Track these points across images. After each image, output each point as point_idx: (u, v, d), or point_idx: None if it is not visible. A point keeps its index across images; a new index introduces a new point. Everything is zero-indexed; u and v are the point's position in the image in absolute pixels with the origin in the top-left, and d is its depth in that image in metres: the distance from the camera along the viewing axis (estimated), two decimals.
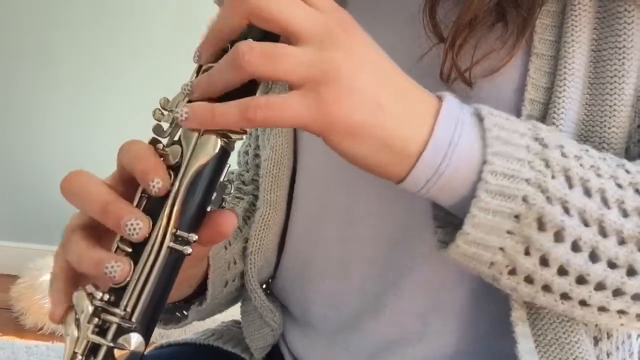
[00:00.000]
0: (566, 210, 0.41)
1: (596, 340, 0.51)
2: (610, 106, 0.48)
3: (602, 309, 0.44)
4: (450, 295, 0.53)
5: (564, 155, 0.42)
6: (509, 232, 0.41)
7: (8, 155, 2.15)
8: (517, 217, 0.40)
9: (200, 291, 0.57)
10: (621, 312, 0.44)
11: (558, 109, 0.48)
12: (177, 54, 2.01)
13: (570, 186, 0.41)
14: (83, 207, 0.41)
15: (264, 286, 0.65)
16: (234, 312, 0.68)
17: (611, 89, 0.48)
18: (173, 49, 2.04)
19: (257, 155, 0.66)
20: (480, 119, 0.42)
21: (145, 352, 0.40)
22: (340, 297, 0.58)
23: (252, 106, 0.37)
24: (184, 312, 0.58)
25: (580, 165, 0.42)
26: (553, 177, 0.41)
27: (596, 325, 0.49)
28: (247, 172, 0.67)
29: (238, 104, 0.37)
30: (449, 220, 0.45)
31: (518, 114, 0.48)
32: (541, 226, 0.41)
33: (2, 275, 2.08)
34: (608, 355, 0.52)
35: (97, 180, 0.41)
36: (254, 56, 0.36)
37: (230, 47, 0.39)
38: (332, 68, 0.37)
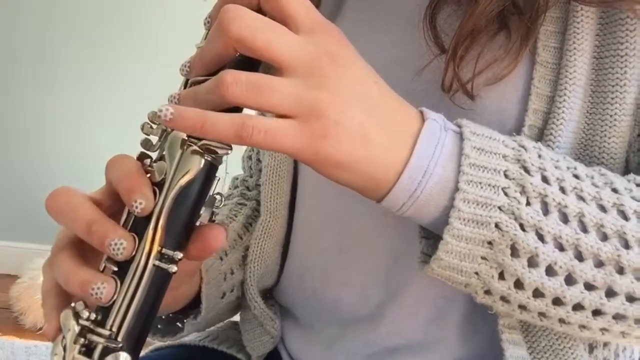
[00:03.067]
0: (540, 237, 0.41)
1: (591, 348, 0.51)
2: (610, 115, 0.48)
3: (582, 327, 0.44)
4: (452, 305, 0.53)
5: (544, 179, 0.42)
6: (482, 258, 0.41)
7: (8, 155, 2.15)
8: (490, 243, 0.41)
9: (196, 304, 0.56)
10: (604, 330, 0.44)
11: (558, 120, 0.47)
12: (176, 54, 2.01)
13: (547, 212, 0.41)
14: (68, 226, 0.40)
15: (266, 290, 0.65)
16: None
17: (612, 98, 0.47)
18: (172, 49, 2.03)
19: (259, 160, 0.66)
20: (461, 139, 0.42)
21: (142, 354, 0.40)
22: (341, 305, 0.58)
23: (248, 126, 0.36)
24: (182, 322, 0.57)
25: (561, 188, 0.42)
26: (528, 203, 0.41)
27: None
28: (251, 177, 0.67)
29: (233, 119, 0.36)
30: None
31: (521, 123, 0.48)
32: (514, 252, 0.41)
33: (2, 275, 2.08)
34: None
35: (83, 197, 0.40)
36: (239, 89, 0.36)
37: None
38: (318, 106, 0.37)
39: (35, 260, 1.96)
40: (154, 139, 0.41)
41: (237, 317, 0.66)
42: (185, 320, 0.57)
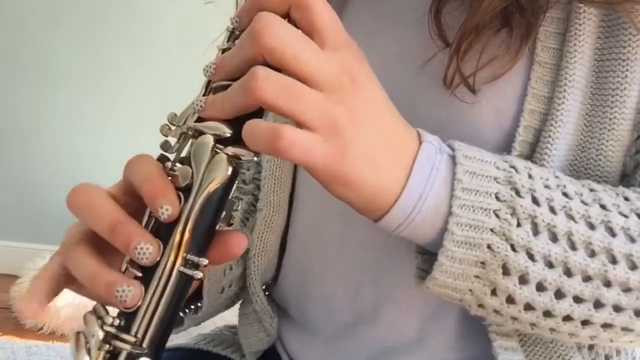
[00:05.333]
0: (530, 256, 0.42)
1: (590, 344, 0.52)
2: (610, 119, 0.48)
3: (572, 335, 0.45)
4: (448, 302, 0.53)
5: (534, 200, 0.43)
6: (476, 277, 0.43)
7: (9, 155, 2.14)
8: (482, 263, 0.42)
9: (195, 297, 0.57)
10: (592, 337, 0.46)
11: (555, 121, 0.48)
12: (180, 56, 2.01)
13: (536, 232, 0.42)
14: (90, 224, 0.39)
15: (264, 287, 0.65)
16: (227, 318, 0.69)
17: (612, 102, 0.48)
18: (176, 51, 2.04)
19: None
20: (454, 163, 0.43)
21: None
22: (337, 303, 0.58)
23: (284, 138, 0.36)
24: (180, 315, 0.58)
25: (551, 208, 0.43)
26: (519, 225, 0.42)
27: None
28: (248, 170, 0.67)
29: (270, 128, 0.36)
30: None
31: (517, 123, 0.49)
32: (506, 271, 0.42)
33: (2, 275, 2.07)
34: (607, 358, 0.53)
35: (105, 195, 0.40)
36: (270, 86, 0.36)
37: None
38: (338, 122, 0.38)
39: (35, 260, 1.95)
40: (172, 140, 0.41)
41: (233, 319, 0.67)
42: (184, 315, 0.58)
